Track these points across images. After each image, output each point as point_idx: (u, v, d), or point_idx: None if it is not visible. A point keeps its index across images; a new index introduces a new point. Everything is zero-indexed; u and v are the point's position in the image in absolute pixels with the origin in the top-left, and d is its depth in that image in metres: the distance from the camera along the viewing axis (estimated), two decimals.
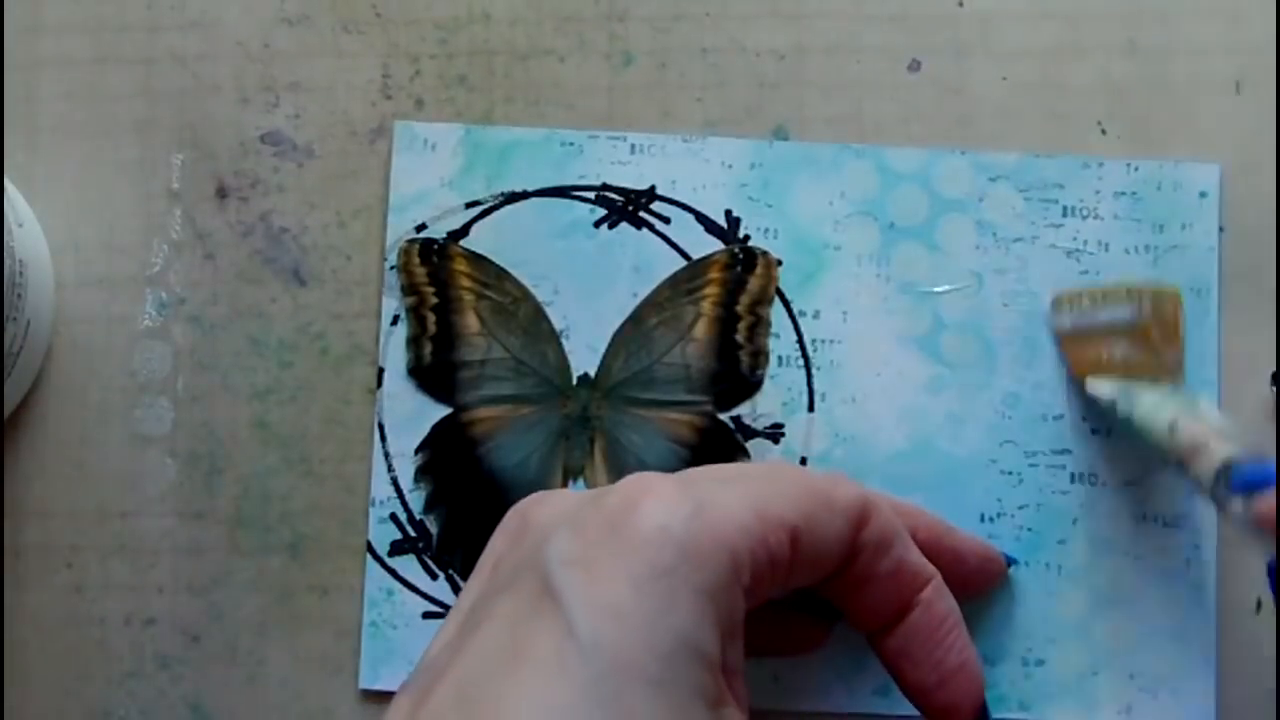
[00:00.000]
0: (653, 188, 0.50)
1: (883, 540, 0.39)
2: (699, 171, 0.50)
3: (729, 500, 0.36)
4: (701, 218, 0.50)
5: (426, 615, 0.49)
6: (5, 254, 0.45)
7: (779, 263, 0.50)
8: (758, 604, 0.37)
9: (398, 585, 0.49)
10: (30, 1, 0.51)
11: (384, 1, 0.51)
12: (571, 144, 0.50)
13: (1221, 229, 0.50)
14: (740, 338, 0.49)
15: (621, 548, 0.34)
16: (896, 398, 0.49)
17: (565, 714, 0.32)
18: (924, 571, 0.41)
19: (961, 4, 0.51)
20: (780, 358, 0.49)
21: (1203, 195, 0.50)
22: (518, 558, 0.37)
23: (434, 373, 0.50)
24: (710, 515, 0.35)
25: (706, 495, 0.35)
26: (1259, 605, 0.49)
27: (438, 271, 0.50)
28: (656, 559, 0.34)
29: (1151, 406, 0.45)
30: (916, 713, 0.47)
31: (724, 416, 0.49)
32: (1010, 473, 0.49)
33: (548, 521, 0.37)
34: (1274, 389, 0.49)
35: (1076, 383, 0.48)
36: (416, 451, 0.49)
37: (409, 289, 0.50)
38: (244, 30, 0.51)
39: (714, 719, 0.34)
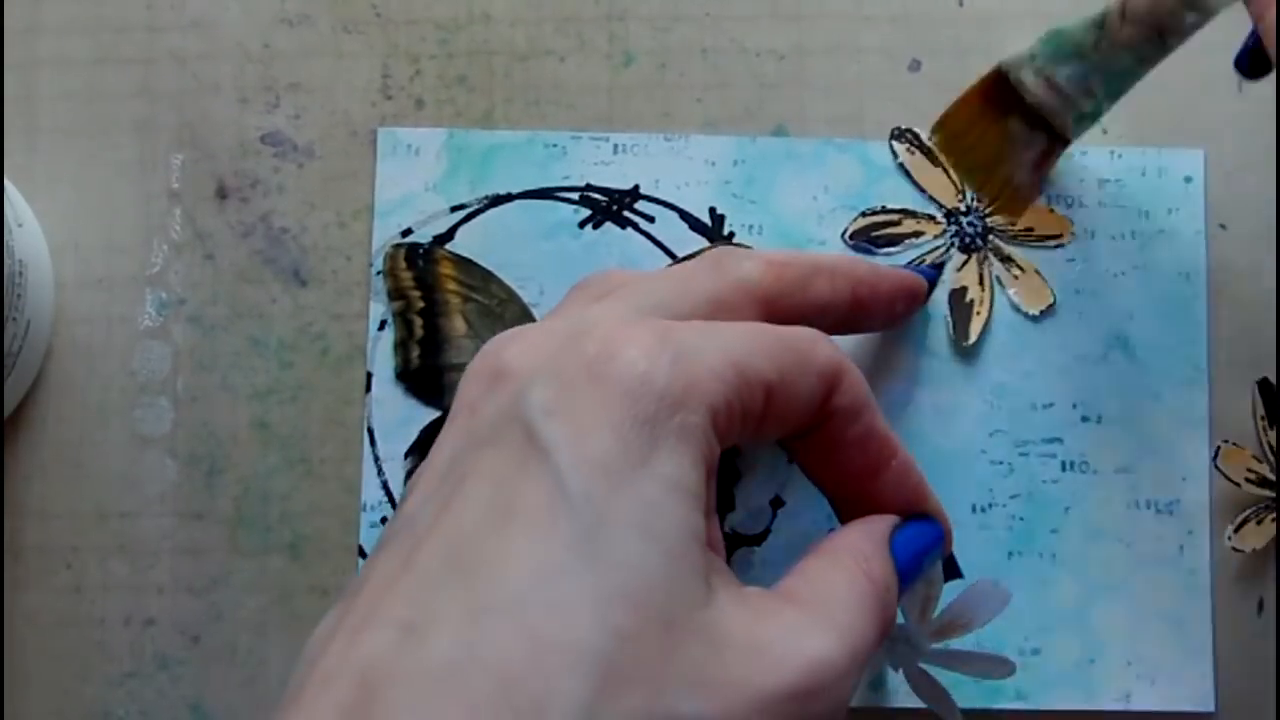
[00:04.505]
0: (636, 187, 0.50)
1: (854, 406, 0.39)
2: (682, 170, 0.50)
3: (708, 350, 0.36)
4: (686, 216, 0.50)
5: None
6: (5, 254, 0.45)
7: None
8: (721, 451, 0.37)
9: None
10: (30, 1, 0.51)
11: (384, 1, 0.51)
12: (555, 145, 0.50)
13: (1223, 226, 0.49)
14: None
15: (604, 397, 0.34)
16: (884, 390, 0.49)
17: (560, 569, 0.32)
18: (891, 442, 0.40)
19: (962, 4, 0.51)
20: None
21: (1188, 180, 0.50)
22: (496, 407, 0.36)
23: (422, 376, 0.50)
24: (689, 364, 0.35)
25: (685, 344, 0.35)
26: (1260, 606, 0.49)
27: (424, 275, 0.50)
28: (638, 408, 0.34)
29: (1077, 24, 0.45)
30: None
31: None
32: (1000, 463, 0.49)
33: (523, 367, 0.36)
34: (1258, 393, 0.49)
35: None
36: (406, 455, 0.49)
37: (395, 293, 0.50)
38: (244, 30, 0.51)
39: (703, 560, 0.34)
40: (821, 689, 0.33)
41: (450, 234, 0.50)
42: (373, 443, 0.49)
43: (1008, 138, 0.46)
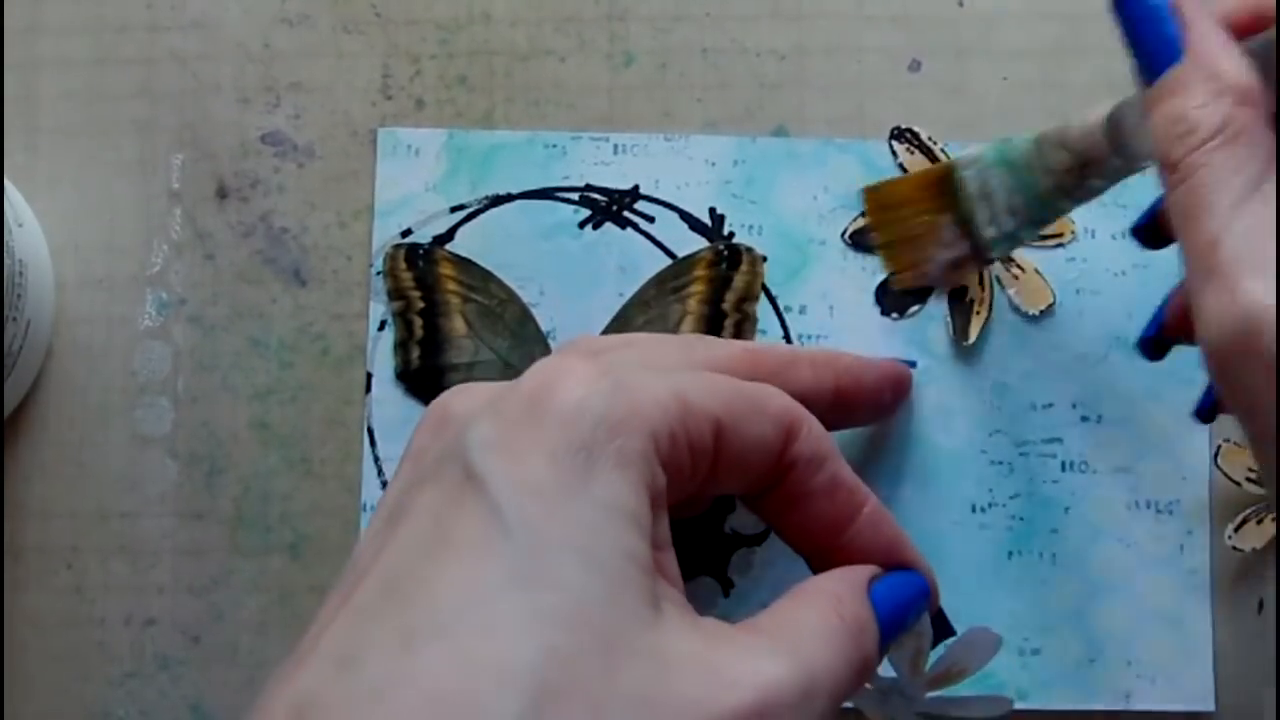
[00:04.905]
0: (636, 187, 0.50)
1: (816, 455, 0.39)
2: (682, 170, 0.50)
3: (650, 382, 0.36)
4: (686, 216, 0.50)
5: None
6: (5, 254, 0.45)
7: (764, 259, 0.50)
8: (680, 497, 0.37)
9: None
10: (30, 2, 0.51)
11: (384, 1, 0.51)
12: (555, 146, 0.50)
13: None
14: (727, 335, 0.49)
15: (539, 426, 0.34)
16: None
17: (493, 592, 0.32)
18: (860, 491, 0.40)
19: (962, 4, 0.51)
20: None
21: None
22: (439, 448, 0.36)
23: (422, 376, 0.50)
24: (629, 392, 0.35)
25: (627, 376, 0.35)
26: (1260, 606, 0.49)
27: (424, 276, 0.50)
28: (573, 433, 0.34)
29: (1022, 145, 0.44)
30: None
31: None
32: (1001, 463, 0.49)
33: (467, 410, 0.36)
34: None
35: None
36: None
37: (395, 294, 0.50)
38: (244, 30, 0.51)
39: (648, 585, 0.33)
40: (771, 713, 0.33)
41: (450, 234, 0.50)
42: (373, 443, 0.50)
43: (935, 234, 0.46)
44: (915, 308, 0.49)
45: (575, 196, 0.50)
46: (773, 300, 0.50)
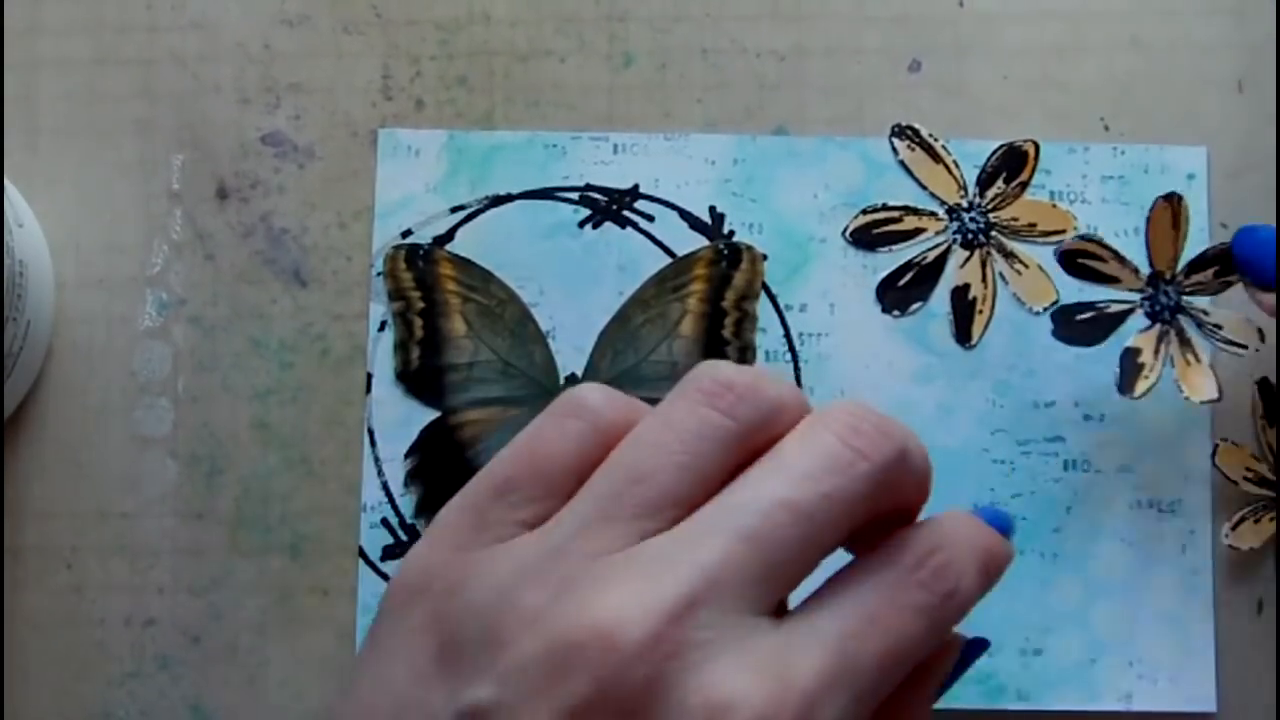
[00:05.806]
0: (636, 186, 0.50)
1: None
2: (682, 169, 0.50)
3: None
4: (685, 215, 0.50)
5: None
6: (5, 254, 0.45)
7: (764, 257, 0.50)
8: None
9: None
10: (30, 2, 0.51)
11: (384, 2, 0.51)
12: (554, 145, 0.50)
13: (1224, 225, 0.49)
14: (727, 334, 0.49)
15: None
16: (886, 389, 0.49)
17: None
18: None
19: (962, 4, 0.51)
20: (767, 352, 0.49)
21: (1190, 177, 0.50)
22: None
23: (422, 377, 0.50)
24: None
25: None
26: (1260, 606, 0.49)
27: (424, 276, 0.50)
28: None
29: None
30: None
31: None
32: (1002, 462, 0.49)
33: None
34: (1258, 393, 0.49)
35: None
36: (406, 456, 0.49)
37: (395, 294, 0.50)
38: (244, 31, 0.51)
39: None
40: None
41: (450, 235, 0.50)
42: (373, 443, 0.49)
43: None
44: (916, 305, 0.49)
45: (575, 196, 0.50)
46: (773, 298, 0.49)
